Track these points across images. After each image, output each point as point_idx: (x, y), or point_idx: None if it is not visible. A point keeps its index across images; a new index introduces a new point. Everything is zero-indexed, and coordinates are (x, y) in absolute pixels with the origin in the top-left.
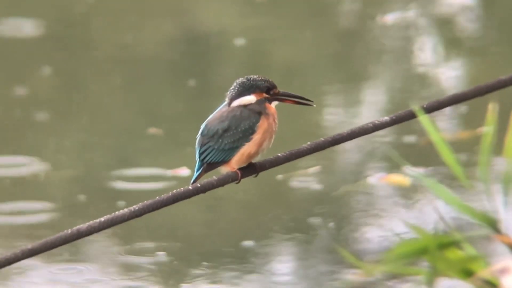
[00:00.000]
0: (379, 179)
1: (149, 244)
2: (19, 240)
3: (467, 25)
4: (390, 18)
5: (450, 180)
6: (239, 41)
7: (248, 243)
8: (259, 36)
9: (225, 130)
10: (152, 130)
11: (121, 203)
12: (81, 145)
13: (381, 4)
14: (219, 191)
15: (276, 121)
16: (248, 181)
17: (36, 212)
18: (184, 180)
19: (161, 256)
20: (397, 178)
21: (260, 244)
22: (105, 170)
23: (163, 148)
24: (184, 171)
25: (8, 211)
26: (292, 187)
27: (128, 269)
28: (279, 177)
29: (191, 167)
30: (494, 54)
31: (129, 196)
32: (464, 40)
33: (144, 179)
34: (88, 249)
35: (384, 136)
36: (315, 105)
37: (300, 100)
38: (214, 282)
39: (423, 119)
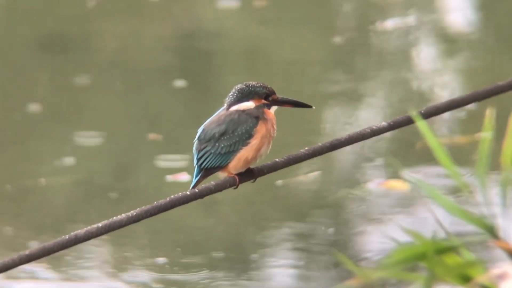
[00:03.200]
0: (378, 185)
1: (150, 249)
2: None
3: (466, 30)
4: (390, 23)
5: (448, 185)
6: (239, 45)
7: (246, 248)
8: (259, 40)
9: (222, 134)
10: (152, 136)
11: (121, 208)
12: (81, 150)
13: (381, 9)
14: (219, 196)
15: (275, 126)
16: (247, 186)
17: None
18: (184, 185)
19: (161, 261)
20: (396, 184)
21: (259, 249)
22: (106, 175)
23: (162, 154)
24: (184, 177)
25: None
26: (292, 192)
27: (128, 275)
28: (279, 182)
29: (191, 173)
30: (492, 59)
31: (130, 201)
32: (462, 45)
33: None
34: (87, 254)
35: (382, 141)
36: (314, 107)
37: (299, 102)
38: (213, 287)
39: (421, 124)
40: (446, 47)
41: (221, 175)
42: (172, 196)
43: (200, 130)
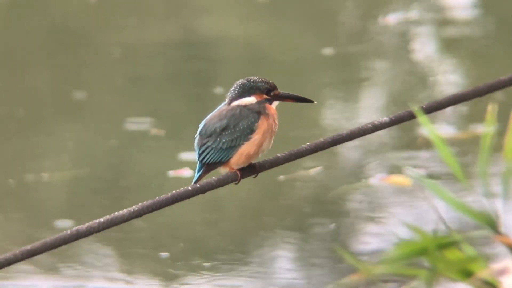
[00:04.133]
0: (380, 180)
1: (152, 244)
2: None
3: (468, 25)
4: (392, 18)
5: (450, 180)
6: (241, 42)
7: (249, 243)
8: (261, 37)
9: (224, 129)
10: (154, 131)
11: (124, 203)
12: (83, 146)
13: (383, 4)
14: (221, 191)
15: (276, 121)
16: (249, 182)
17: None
18: (186, 181)
19: (164, 256)
20: (398, 179)
21: (261, 245)
22: (108, 171)
23: (165, 149)
24: (186, 172)
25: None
26: (294, 188)
27: (130, 270)
28: (281, 177)
29: (193, 168)
30: (494, 54)
31: (132, 196)
32: (464, 41)
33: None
34: (89, 249)
35: (384, 136)
36: (315, 102)
37: (301, 97)
38: (215, 282)
39: (423, 119)
40: (448, 42)
41: (223, 171)
42: (174, 191)
43: (201, 125)
